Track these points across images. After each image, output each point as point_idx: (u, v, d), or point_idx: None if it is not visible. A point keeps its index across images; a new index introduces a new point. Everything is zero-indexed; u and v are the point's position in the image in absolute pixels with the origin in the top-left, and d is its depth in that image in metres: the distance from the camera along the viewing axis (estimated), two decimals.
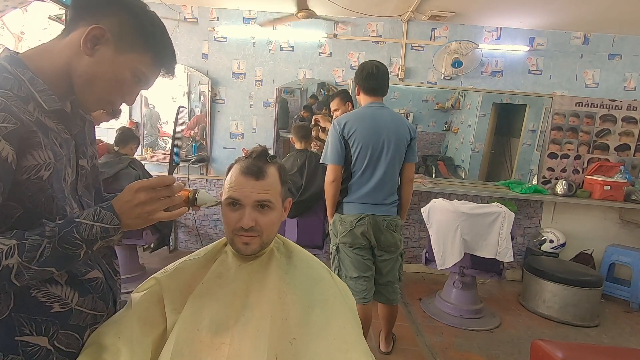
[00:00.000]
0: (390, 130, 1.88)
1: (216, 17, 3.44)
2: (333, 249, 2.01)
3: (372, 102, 1.93)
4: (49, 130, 0.68)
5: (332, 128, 1.92)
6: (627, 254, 3.20)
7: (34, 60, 0.69)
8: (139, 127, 3.66)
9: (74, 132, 0.76)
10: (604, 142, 3.50)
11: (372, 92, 1.92)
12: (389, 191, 1.93)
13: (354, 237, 1.91)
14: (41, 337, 0.68)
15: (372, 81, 1.90)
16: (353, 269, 1.93)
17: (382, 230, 1.91)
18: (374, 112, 1.90)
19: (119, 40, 0.70)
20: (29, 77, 0.66)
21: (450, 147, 4.00)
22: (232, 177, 0.90)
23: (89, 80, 0.70)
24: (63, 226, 0.64)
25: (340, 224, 1.94)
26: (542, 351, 1.67)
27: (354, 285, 1.92)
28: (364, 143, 1.86)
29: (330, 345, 0.81)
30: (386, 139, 1.87)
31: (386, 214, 1.92)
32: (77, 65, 0.70)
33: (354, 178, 1.91)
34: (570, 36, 3.41)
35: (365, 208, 1.90)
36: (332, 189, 1.92)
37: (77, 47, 0.69)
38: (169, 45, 0.77)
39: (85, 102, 0.74)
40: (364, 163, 1.88)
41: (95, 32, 0.68)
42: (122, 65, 0.71)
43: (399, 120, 1.94)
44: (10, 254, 0.59)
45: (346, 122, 1.88)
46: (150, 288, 0.87)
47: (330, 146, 1.91)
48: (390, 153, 1.88)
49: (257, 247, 0.90)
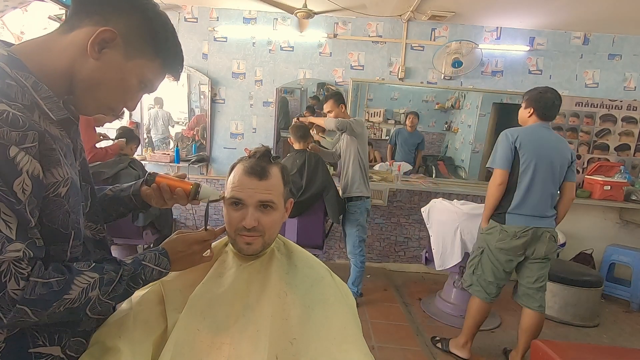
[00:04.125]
0: (556, 150, 2.01)
1: (216, 17, 3.44)
2: (477, 250, 2.17)
3: (542, 123, 2.05)
4: (56, 140, 0.63)
5: (503, 136, 2.04)
6: (627, 254, 3.21)
7: (33, 59, 0.62)
8: (139, 127, 3.66)
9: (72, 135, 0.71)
10: (604, 142, 3.50)
11: (547, 118, 2.05)
12: (550, 205, 2.05)
13: (514, 246, 2.02)
14: (54, 347, 0.69)
15: (554, 111, 2.05)
16: (492, 274, 2.10)
17: (544, 241, 2.02)
18: (544, 133, 2.04)
19: (128, 44, 0.66)
20: (32, 82, 0.61)
21: (450, 147, 4.00)
22: (235, 177, 0.90)
23: (93, 85, 0.66)
24: (135, 267, 0.72)
25: (501, 232, 2.05)
26: (542, 351, 1.67)
27: (485, 286, 2.12)
28: (533, 157, 1.98)
29: (331, 345, 0.81)
30: (553, 157, 2.00)
31: (548, 226, 2.04)
32: (81, 68, 0.64)
33: (519, 189, 2.02)
34: (570, 36, 3.42)
35: (530, 221, 2.01)
36: (498, 192, 2.04)
37: (82, 48, 0.63)
38: (179, 51, 0.74)
39: (85, 107, 0.69)
40: (531, 176, 1.99)
41: (105, 35, 0.63)
42: (129, 71, 0.67)
43: (563, 143, 2.08)
44: (93, 287, 0.64)
45: (519, 135, 2.00)
46: (150, 288, 0.87)
47: (499, 152, 2.03)
48: (554, 170, 2.01)
49: (259, 247, 0.90)
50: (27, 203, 0.57)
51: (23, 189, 0.56)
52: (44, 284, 0.58)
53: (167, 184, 0.85)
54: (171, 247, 0.79)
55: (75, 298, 0.62)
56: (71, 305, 0.62)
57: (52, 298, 0.59)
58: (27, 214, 0.57)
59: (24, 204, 0.57)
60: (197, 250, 0.82)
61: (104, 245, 0.80)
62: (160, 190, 0.85)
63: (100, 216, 0.80)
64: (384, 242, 3.72)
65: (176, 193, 0.84)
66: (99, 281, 0.65)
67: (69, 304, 0.61)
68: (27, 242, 0.57)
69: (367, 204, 2.75)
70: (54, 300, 0.60)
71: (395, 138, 3.84)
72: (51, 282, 0.59)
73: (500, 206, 2.07)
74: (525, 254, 2.05)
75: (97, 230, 0.78)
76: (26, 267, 0.57)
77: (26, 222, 0.57)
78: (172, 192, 0.84)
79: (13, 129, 0.55)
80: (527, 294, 2.10)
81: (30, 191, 0.57)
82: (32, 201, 0.58)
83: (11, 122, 0.55)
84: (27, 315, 0.58)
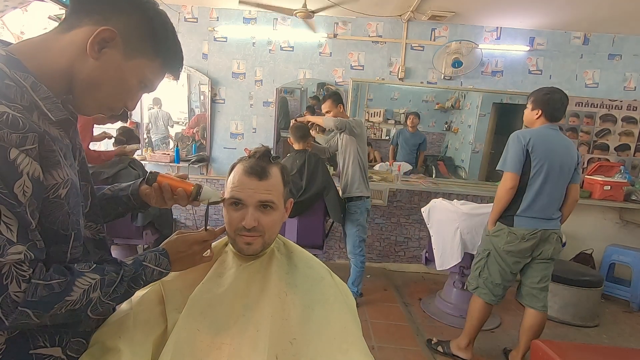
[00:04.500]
0: (564, 152, 2.00)
1: (216, 17, 3.44)
2: (483, 253, 2.15)
3: (551, 125, 2.03)
4: (56, 141, 0.63)
5: (514, 139, 2.01)
6: (627, 254, 3.21)
7: (31, 59, 0.62)
8: (139, 127, 3.66)
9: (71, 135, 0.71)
10: (604, 142, 3.50)
11: (555, 119, 2.04)
12: (558, 207, 2.06)
13: (522, 249, 2.02)
14: (55, 348, 0.69)
15: (561, 112, 2.03)
16: (498, 276, 2.09)
17: (551, 242, 2.03)
18: (553, 134, 2.02)
19: (128, 44, 0.65)
20: (31, 82, 0.60)
21: (450, 147, 4.00)
22: (235, 177, 0.90)
23: (93, 85, 0.66)
24: (136, 267, 0.72)
25: (509, 234, 2.04)
26: (542, 351, 1.67)
27: (492, 289, 2.11)
28: (545, 160, 1.96)
29: (331, 345, 0.81)
30: (563, 159, 1.99)
31: (555, 227, 2.05)
32: (81, 68, 0.64)
33: (528, 191, 2.00)
34: (570, 36, 3.42)
35: (538, 223, 2.01)
36: (508, 196, 2.01)
37: (81, 48, 0.63)
38: (179, 50, 0.74)
39: (84, 107, 0.69)
40: (542, 180, 1.97)
41: (105, 34, 0.62)
42: (129, 71, 0.67)
43: (571, 144, 2.08)
44: (94, 288, 0.64)
45: (531, 137, 1.98)
46: (150, 288, 0.87)
47: (511, 155, 2.00)
48: (563, 173, 2.00)
49: (259, 247, 0.90)
50: (27, 205, 0.57)
51: (24, 191, 0.56)
52: (46, 285, 0.58)
53: (168, 184, 0.84)
54: (171, 247, 0.80)
55: (76, 300, 0.62)
56: (73, 307, 0.62)
57: (54, 300, 0.59)
58: (27, 216, 0.57)
59: (24, 205, 0.57)
60: (197, 250, 0.83)
61: (104, 245, 0.80)
62: (161, 190, 0.85)
63: (100, 216, 0.80)
64: (384, 242, 3.72)
65: (177, 193, 0.84)
66: (100, 282, 0.65)
67: (71, 306, 0.62)
68: (28, 244, 0.57)
69: (367, 203, 2.75)
70: (55, 302, 0.60)
71: (397, 138, 3.85)
72: (52, 284, 0.59)
73: (508, 208, 2.04)
74: (532, 255, 2.05)
75: (97, 230, 0.78)
76: (27, 269, 0.57)
77: (27, 224, 0.57)
78: (173, 192, 0.84)
79: (13, 131, 0.55)
80: (531, 294, 2.10)
81: (30, 193, 0.57)
82: (32, 203, 0.58)
83: (11, 124, 0.55)
84: (29, 318, 0.58)
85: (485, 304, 2.12)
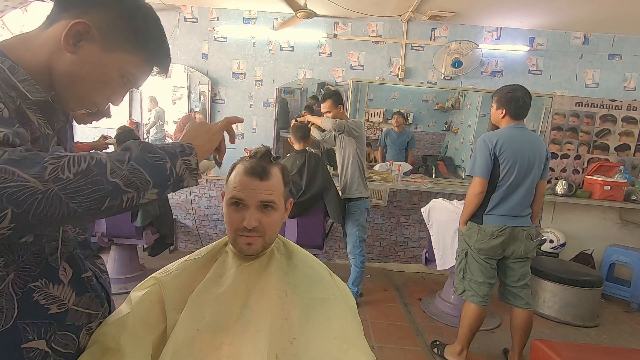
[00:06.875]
0: (533, 149, 2.02)
1: (216, 17, 3.44)
2: (462, 253, 2.17)
3: (517, 124, 2.05)
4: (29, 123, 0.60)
5: (482, 143, 2.03)
6: (627, 254, 3.21)
7: (14, 51, 0.61)
8: (139, 127, 3.66)
9: (57, 127, 0.68)
10: (604, 142, 3.50)
11: (519, 117, 2.05)
12: (528, 204, 2.08)
13: (492, 246, 2.04)
14: (40, 341, 0.66)
15: (525, 110, 2.04)
16: (480, 274, 2.10)
17: (521, 240, 2.04)
18: (520, 133, 2.04)
19: (106, 37, 0.64)
20: (8, 65, 0.59)
21: (450, 147, 4.00)
22: (235, 177, 0.90)
23: (71, 80, 0.64)
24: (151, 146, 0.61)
25: (479, 232, 2.07)
26: (542, 351, 1.67)
27: (477, 288, 2.11)
28: (513, 161, 1.99)
29: (331, 344, 0.81)
30: (530, 157, 2.01)
31: (524, 225, 2.06)
32: (59, 63, 0.63)
33: (497, 192, 2.03)
34: (570, 36, 3.42)
35: (506, 220, 2.03)
36: (477, 200, 2.05)
37: (58, 42, 0.62)
38: (162, 43, 0.71)
39: (67, 102, 0.67)
40: (511, 179, 2.00)
41: (78, 27, 0.61)
42: (108, 65, 0.65)
43: (539, 140, 2.10)
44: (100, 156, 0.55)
45: (497, 140, 1.99)
46: (150, 288, 0.86)
47: (479, 160, 2.02)
48: (533, 171, 2.02)
49: (260, 247, 0.90)
50: None
51: None
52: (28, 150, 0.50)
53: None
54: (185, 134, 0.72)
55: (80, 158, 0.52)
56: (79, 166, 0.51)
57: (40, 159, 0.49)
58: None
59: None
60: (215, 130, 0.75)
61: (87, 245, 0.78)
62: None
63: None
64: (384, 242, 3.72)
65: None
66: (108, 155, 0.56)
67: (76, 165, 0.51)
68: None
69: (367, 203, 2.75)
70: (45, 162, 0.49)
71: (385, 140, 3.86)
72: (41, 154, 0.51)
73: (478, 208, 2.08)
74: (505, 254, 2.07)
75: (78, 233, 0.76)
76: None
77: None
78: None
79: None
80: (513, 293, 2.12)
81: None
82: None
83: None
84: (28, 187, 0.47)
85: (476, 308, 2.12)
